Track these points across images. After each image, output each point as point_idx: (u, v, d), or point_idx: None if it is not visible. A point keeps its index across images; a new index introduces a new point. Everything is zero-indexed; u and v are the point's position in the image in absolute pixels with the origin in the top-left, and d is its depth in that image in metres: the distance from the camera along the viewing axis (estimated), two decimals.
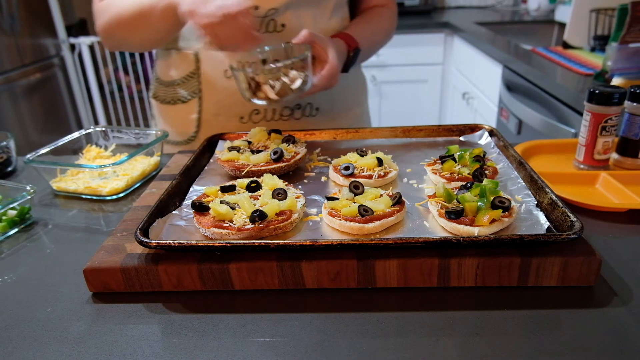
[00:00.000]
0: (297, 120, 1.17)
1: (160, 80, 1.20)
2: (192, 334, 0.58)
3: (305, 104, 1.16)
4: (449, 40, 3.05)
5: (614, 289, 0.63)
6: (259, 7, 1.02)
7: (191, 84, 1.14)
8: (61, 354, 0.56)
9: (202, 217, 0.72)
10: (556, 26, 2.81)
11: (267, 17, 1.04)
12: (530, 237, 0.61)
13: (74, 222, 0.87)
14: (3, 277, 0.72)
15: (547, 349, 0.54)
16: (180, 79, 1.15)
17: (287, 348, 0.55)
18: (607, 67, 1.52)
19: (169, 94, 1.18)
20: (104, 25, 1.07)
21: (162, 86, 1.20)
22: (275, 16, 1.04)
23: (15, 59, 3.02)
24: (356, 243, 0.63)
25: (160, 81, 1.20)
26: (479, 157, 0.85)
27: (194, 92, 1.14)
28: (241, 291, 0.66)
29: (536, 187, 0.77)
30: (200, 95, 1.14)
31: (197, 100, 1.14)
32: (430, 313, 0.60)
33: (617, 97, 0.90)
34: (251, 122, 1.15)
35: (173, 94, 1.17)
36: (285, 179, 0.86)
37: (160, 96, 1.21)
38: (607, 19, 1.86)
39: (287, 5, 1.04)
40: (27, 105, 3.14)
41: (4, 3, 2.90)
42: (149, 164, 1.03)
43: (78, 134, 1.10)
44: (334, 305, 0.62)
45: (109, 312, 0.63)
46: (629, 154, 0.96)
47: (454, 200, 0.72)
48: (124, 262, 0.65)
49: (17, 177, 1.09)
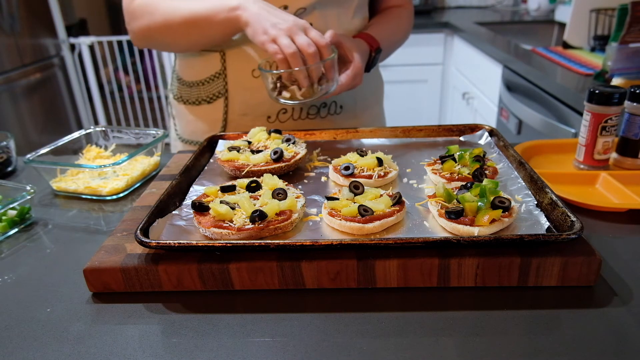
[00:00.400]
0: (323, 118, 1.17)
1: (183, 81, 1.19)
2: (192, 334, 0.58)
3: (331, 102, 1.17)
4: (449, 40, 3.05)
5: (614, 289, 0.63)
6: (288, 7, 1.03)
7: (216, 84, 1.13)
8: (61, 354, 0.56)
9: (202, 217, 0.72)
10: (556, 26, 2.81)
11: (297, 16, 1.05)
12: (530, 237, 0.61)
13: (74, 222, 0.87)
14: (3, 277, 0.72)
15: (547, 349, 0.54)
16: (205, 79, 1.13)
17: (287, 348, 0.55)
18: (607, 67, 1.52)
19: (192, 95, 1.17)
20: (142, 28, 1.05)
21: (185, 87, 1.18)
22: (302, 15, 1.05)
23: (15, 59, 3.02)
24: (356, 243, 0.63)
25: (183, 82, 1.19)
26: (479, 157, 0.85)
27: (220, 92, 1.13)
28: (241, 291, 0.66)
29: (536, 187, 0.77)
30: (226, 95, 1.13)
31: (223, 100, 1.13)
32: (430, 313, 0.60)
33: (617, 97, 0.90)
34: (278, 121, 1.14)
35: (197, 94, 1.16)
36: (285, 179, 0.86)
37: (183, 97, 1.20)
38: (607, 19, 1.86)
39: (315, 5, 1.05)
40: (27, 105, 3.14)
41: (4, 3, 2.90)
42: (149, 164, 1.03)
43: (78, 134, 1.10)
44: (334, 305, 0.62)
45: (109, 312, 0.63)
46: (629, 154, 0.96)
47: (454, 200, 0.72)
48: (124, 262, 0.65)
49: (17, 177, 1.09)
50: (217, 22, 0.98)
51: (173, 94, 1.24)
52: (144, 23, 1.05)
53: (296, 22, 0.92)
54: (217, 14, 0.97)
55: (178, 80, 1.21)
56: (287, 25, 0.91)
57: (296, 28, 0.91)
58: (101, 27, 5.23)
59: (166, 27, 1.03)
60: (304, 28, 0.93)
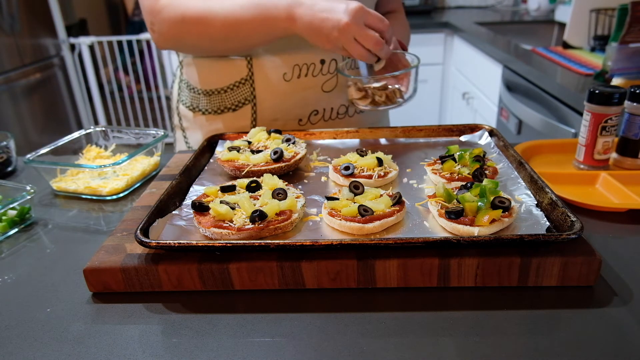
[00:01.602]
0: (351, 117, 1.17)
1: (197, 90, 1.13)
2: (192, 334, 0.58)
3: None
4: (449, 40, 3.05)
5: (614, 289, 0.63)
6: None
7: (242, 91, 1.09)
8: (61, 354, 0.56)
9: (202, 217, 0.72)
10: (556, 26, 2.81)
11: None
12: (530, 237, 0.61)
13: (74, 222, 0.87)
14: (3, 277, 0.72)
15: (547, 349, 0.54)
16: (228, 86, 1.09)
17: (287, 348, 0.55)
18: (607, 67, 1.52)
19: (212, 103, 1.12)
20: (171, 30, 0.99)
21: (202, 95, 1.12)
22: None
23: (15, 59, 3.02)
24: (356, 243, 0.63)
25: (197, 90, 1.13)
26: (479, 157, 0.85)
27: (247, 98, 1.10)
28: (241, 291, 0.66)
29: (536, 187, 0.77)
30: (254, 101, 1.10)
31: (250, 107, 1.10)
32: (430, 313, 0.60)
33: (617, 97, 0.90)
34: (309, 123, 1.13)
35: (219, 102, 1.11)
36: (285, 179, 0.86)
37: (199, 106, 1.14)
38: (607, 19, 1.86)
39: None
40: (27, 105, 3.14)
41: (4, 3, 2.90)
42: (149, 164, 1.03)
43: (78, 134, 1.10)
44: (334, 305, 0.62)
45: (108, 312, 0.63)
46: (629, 154, 0.96)
47: (454, 200, 0.72)
48: (124, 262, 0.65)
49: (17, 177, 1.09)
50: (265, 32, 0.94)
51: (185, 105, 1.18)
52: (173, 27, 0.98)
53: (354, 16, 0.86)
54: (266, 23, 0.93)
55: (191, 90, 1.15)
56: (345, 21, 0.86)
57: (355, 25, 0.87)
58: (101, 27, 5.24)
59: (203, 34, 0.97)
60: (363, 17, 0.88)
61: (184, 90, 1.18)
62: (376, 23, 0.90)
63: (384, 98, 1.00)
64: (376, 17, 0.90)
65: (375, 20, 0.89)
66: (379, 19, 0.90)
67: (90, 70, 3.58)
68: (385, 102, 1.00)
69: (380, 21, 0.90)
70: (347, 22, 0.86)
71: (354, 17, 0.86)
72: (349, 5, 0.87)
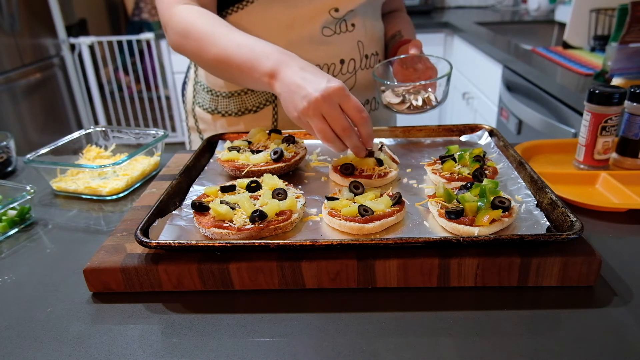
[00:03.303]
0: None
1: (216, 92, 1.13)
2: (192, 334, 0.58)
3: (371, 99, 1.18)
4: (449, 40, 3.05)
5: (614, 289, 0.63)
6: (339, 9, 1.03)
7: (263, 92, 1.08)
8: (61, 354, 0.56)
9: (202, 217, 0.72)
10: (556, 26, 2.81)
11: (342, 18, 1.05)
12: (530, 237, 0.61)
13: (74, 222, 0.87)
14: (3, 277, 0.72)
15: (547, 349, 0.54)
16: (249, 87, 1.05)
17: (287, 348, 0.55)
18: (607, 67, 1.52)
19: (233, 105, 1.12)
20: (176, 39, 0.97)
21: (222, 98, 1.12)
22: (348, 17, 1.05)
23: (15, 59, 3.02)
24: (356, 243, 0.63)
25: (216, 93, 1.13)
26: (479, 157, 0.85)
27: (268, 99, 1.09)
28: (241, 291, 0.66)
29: (536, 187, 0.77)
30: (275, 102, 1.09)
31: (271, 108, 1.10)
32: (430, 313, 0.60)
33: (617, 97, 0.90)
34: None
35: (239, 104, 1.11)
36: (285, 179, 0.86)
37: (218, 109, 1.14)
38: (607, 19, 1.86)
39: (360, 7, 1.06)
40: (27, 105, 3.14)
41: (4, 3, 2.90)
42: (149, 164, 1.03)
43: (78, 134, 1.10)
44: (334, 305, 0.62)
45: (108, 312, 0.63)
46: (629, 154, 0.96)
47: (454, 200, 0.72)
48: (124, 262, 0.65)
49: (17, 177, 1.09)
50: (250, 79, 0.89)
51: (202, 107, 1.17)
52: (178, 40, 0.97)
53: (330, 94, 0.78)
54: (252, 71, 0.87)
55: (209, 92, 1.14)
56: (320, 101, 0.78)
57: (326, 103, 0.78)
58: (101, 27, 5.24)
59: (198, 56, 0.96)
60: (340, 99, 0.79)
61: (200, 92, 1.17)
62: (352, 112, 0.79)
63: (421, 102, 1.01)
64: (355, 106, 0.79)
65: (352, 108, 0.79)
66: (358, 109, 0.80)
67: (90, 70, 3.58)
68: (423, 106, 1.01)
69: (358, 111, 0.79)
70: (318, 97, 0.77)
71: (329, 95, 0.77)
72: (330, 82, 0.78)
